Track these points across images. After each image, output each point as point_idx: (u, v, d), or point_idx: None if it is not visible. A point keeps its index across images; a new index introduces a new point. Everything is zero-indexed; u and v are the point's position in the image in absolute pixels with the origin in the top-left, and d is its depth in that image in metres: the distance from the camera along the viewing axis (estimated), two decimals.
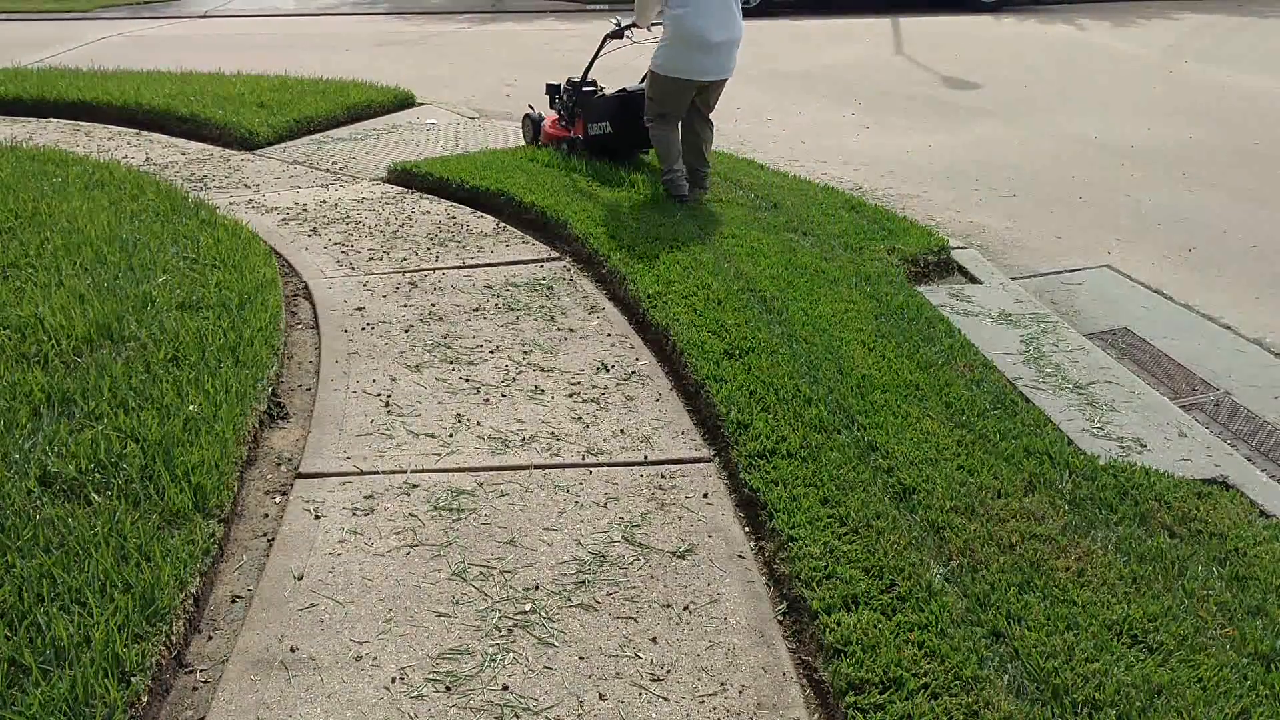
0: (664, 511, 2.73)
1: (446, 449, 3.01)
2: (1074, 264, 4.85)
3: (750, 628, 2.32)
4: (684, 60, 4.91)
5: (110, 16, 14.61)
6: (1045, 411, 3.25)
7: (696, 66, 4.93)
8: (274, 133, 6.82)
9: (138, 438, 2.80)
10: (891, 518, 2.59)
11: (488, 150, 6.31)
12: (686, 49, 4.89)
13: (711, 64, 4.95)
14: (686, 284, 4.04)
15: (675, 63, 4.94)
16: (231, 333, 3.48)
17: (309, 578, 2.45)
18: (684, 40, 4.88)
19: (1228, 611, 2.30)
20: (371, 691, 2.11)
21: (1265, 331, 4.08)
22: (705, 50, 4.88)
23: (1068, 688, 2.06)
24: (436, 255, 4.60)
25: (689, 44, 4.87)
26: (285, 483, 2.88)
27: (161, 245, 4.25)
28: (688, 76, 4.95)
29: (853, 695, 2.06)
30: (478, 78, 9.31)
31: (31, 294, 3.68)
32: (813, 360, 3.44)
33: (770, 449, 2.90)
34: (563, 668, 2.18)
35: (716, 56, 4.92)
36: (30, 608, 2.17)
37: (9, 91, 7.73)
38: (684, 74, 4.95)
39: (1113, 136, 7.05)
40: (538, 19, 13.78)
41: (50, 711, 1.93)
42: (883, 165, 6.51)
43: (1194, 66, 9.55)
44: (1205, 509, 2.69)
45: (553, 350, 3.66)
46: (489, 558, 2.53)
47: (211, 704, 2.08)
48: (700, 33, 4.85)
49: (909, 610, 2.27)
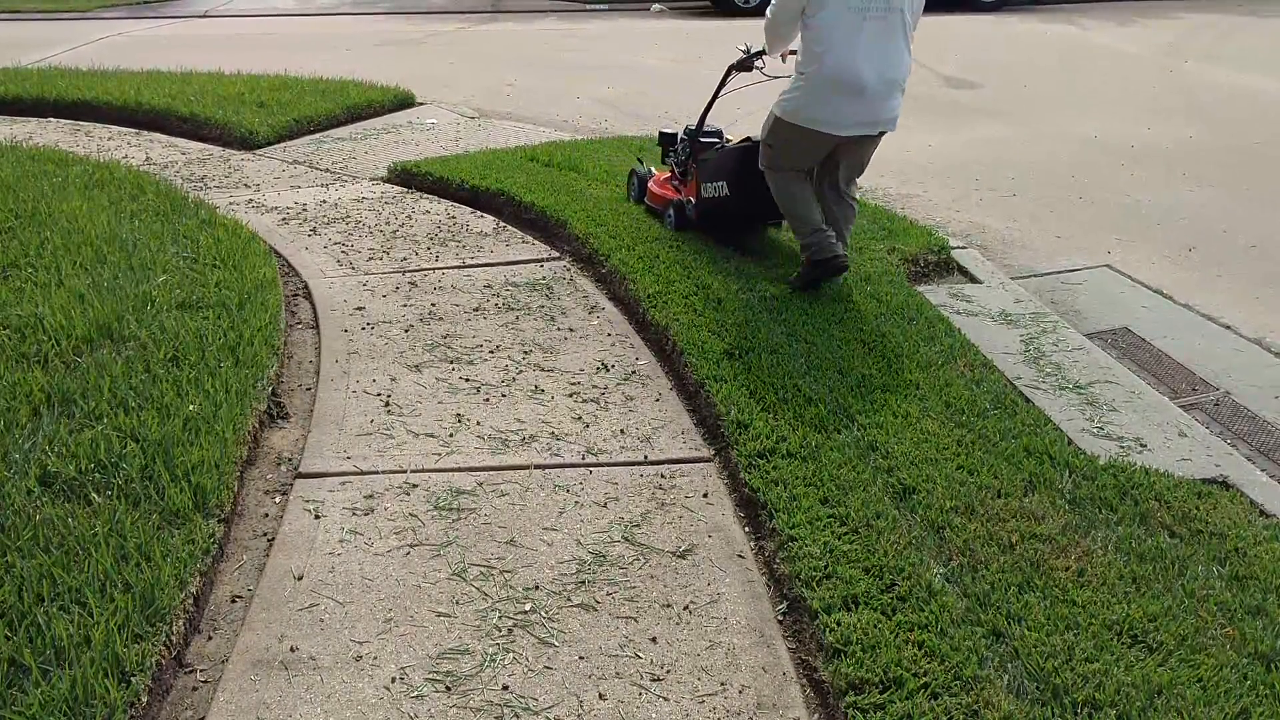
0: (664, 511, 2.73)
1: (446, 449, 3.01)
2: (1074, 264, 4.85)
3: (750, 627, 2.32)
4: (819, 106, 3.71)
5: (110, 16, 14.59)
6: (1045, 411, 3.25)
7: (835, 116, 3.71)
8: (274, 132, 6.82)
9: (138, 437, 2.80)
10: (891, 517, 2.59)
11: (488, 150, 6.31)
12: (824, 90, 3.69)
13: (858, 112, 3.70)
14: (686, 284, 4.04)
15: (807, 109, 3.74)
16: (231, 332, 3.47)
17: (309, 578, 2.45)
18: (822, 79, 3.68)
19: (1228, 611, 2.30)
20: (371, 691, 2.11)
21: (1265, 331, 4.08)
22: (852, 94, 3.65)
23: (1068, 687, 2.06)
24: (436, 255, 4.60)
25: (828, 84, 3.67)
26: (285, 482, 2.88)
27: (161, 245, 4.25)
28: (821, 128, 3.74)
29: (853, 695, 2.06)
30: (478, 78, 9.30)
31: (31, 294, 3.68)
32: (813, 360, 3.44)
33: (770, 449, 2.90)
34: (563, 667, 2.18)
35: (866, 103, 3.68)
36: (30, 608, 2.17)
37: (9, 91, 7.73)
38: (816, 124, 3.73)
39: (1113, 136, 7.05)
40: (538, 19, 13.77)
41: (50, 711, 1.93)
42: (882, 165, 6.47)
43: (1194, 66, 9.54)
44: (1205, 509, 2.69)
45: (553, 350, 3.66)
46: (489, 557, 2.53)
47: (211, 704, 2.08)
48: (845, 70, 3.62)
49: (909, 610, 2.27)
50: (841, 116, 3.72)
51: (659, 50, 10.77)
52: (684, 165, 4.69)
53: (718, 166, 4.41)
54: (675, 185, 4.79)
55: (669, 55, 10.43)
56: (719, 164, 4.40)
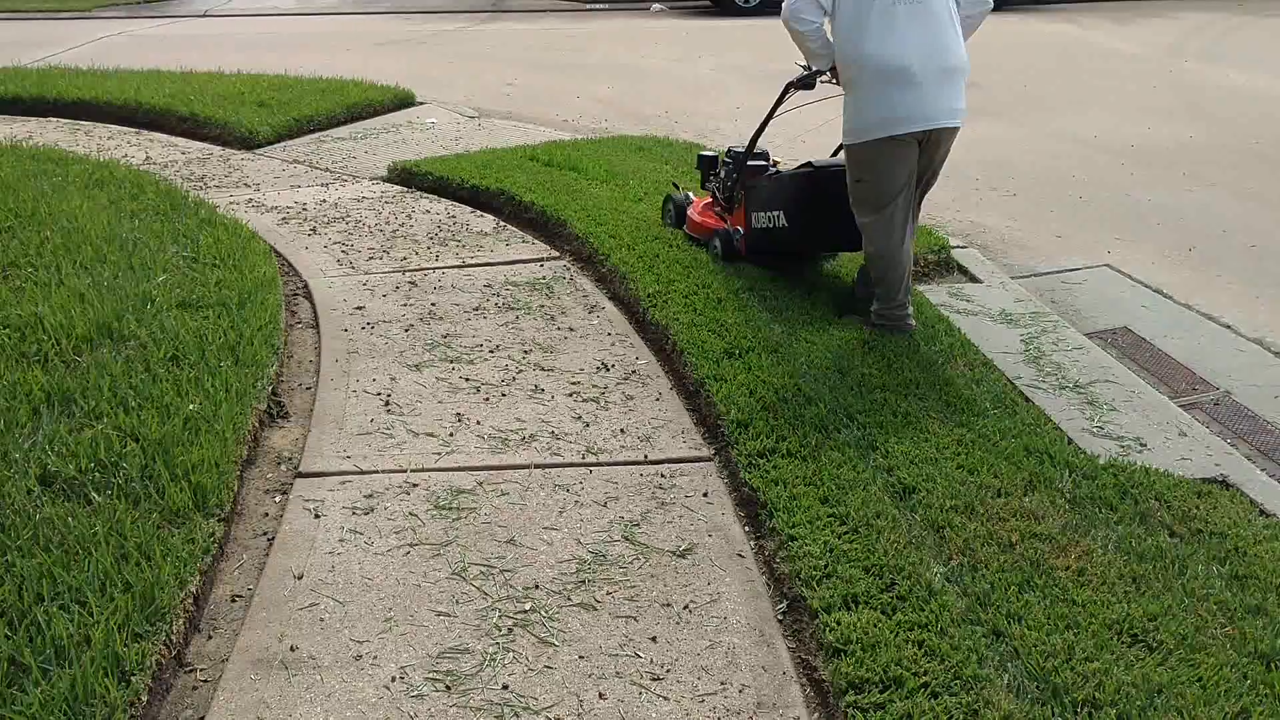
0: (664, 511, 2.73)
1: (446, 448, 3.01)
2: (1074, 263, 4.85)
3: (750, 627, 2.32)
4: (875, 107, 3.41)
5: (110, 16, 14.60)
6: (1045, 411, 3.25)
7: (897, 112, 3.37)
8: (274, 132, 6.82)
9: (138, 437, 2.80)
10: (891, 517, 2.59)
11: (488, 150, 6.31)
12: (873, 88, 3.41)
13: (917, 104, 3.36)
14: (686, 283, 4.04)
15: (864, 116, 3.44)
16: (231, 332, 3.47)
17: (309, 577, 2.45)
18: (865, 76, 3.42)
19: (1228, 611, 2.30)
20: (371, 691, 2.11)
21: (1265, 331, 4.08)
22: (904, 84, 3.35)
23: (1068, 687, 2.06)
24: (436, 254, 4.60)
25: (873, 79, 3.40)
26: (285, 482, 2.88)
27: (161, 244, 4.25)
28: (888, 131, 3.40)
29: (853, 694, 2.06)
30: (478, 78, 9.30)
31: (31, 293, 3.68)
32: (813, 360, 3.44)
33: (770, 448, 2.90)
34: (563, 667, 2.18)
35: (922, 92, 3.35)
36: (30, 607, 2.17)
37: (9, 91, 7.72)
38: (882, 130, 3.40)
39: (1113, 136, 7.05)
40: (538, 19, 13.77)
41: (50, 711, 1.92)
42: None
43: (1194, 66, 9.55)
44: (1205, 508, 2.69)
45: (553, 349, 3.66)
46: (489, 557, 2.53)
47: (211, 703, 2.08)
48: (890, 59, 3.35)
49: (909, 609, 2.27)
50: (903, 111, 3.36)
51: (659, 50, 10.77)
52: (729, 192, 4.33)
53: (773, 194, 4.07)
54: (718, 213, 4.45)
55: (669, 55, 10.42)
56: (775, 191, 4.07)
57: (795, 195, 3.99)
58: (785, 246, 4.16)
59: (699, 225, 4.50)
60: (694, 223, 4.54)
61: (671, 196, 4.77)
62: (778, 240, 4.10)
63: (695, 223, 4.53)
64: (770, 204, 4.07)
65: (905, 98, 3.36)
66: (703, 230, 4.48)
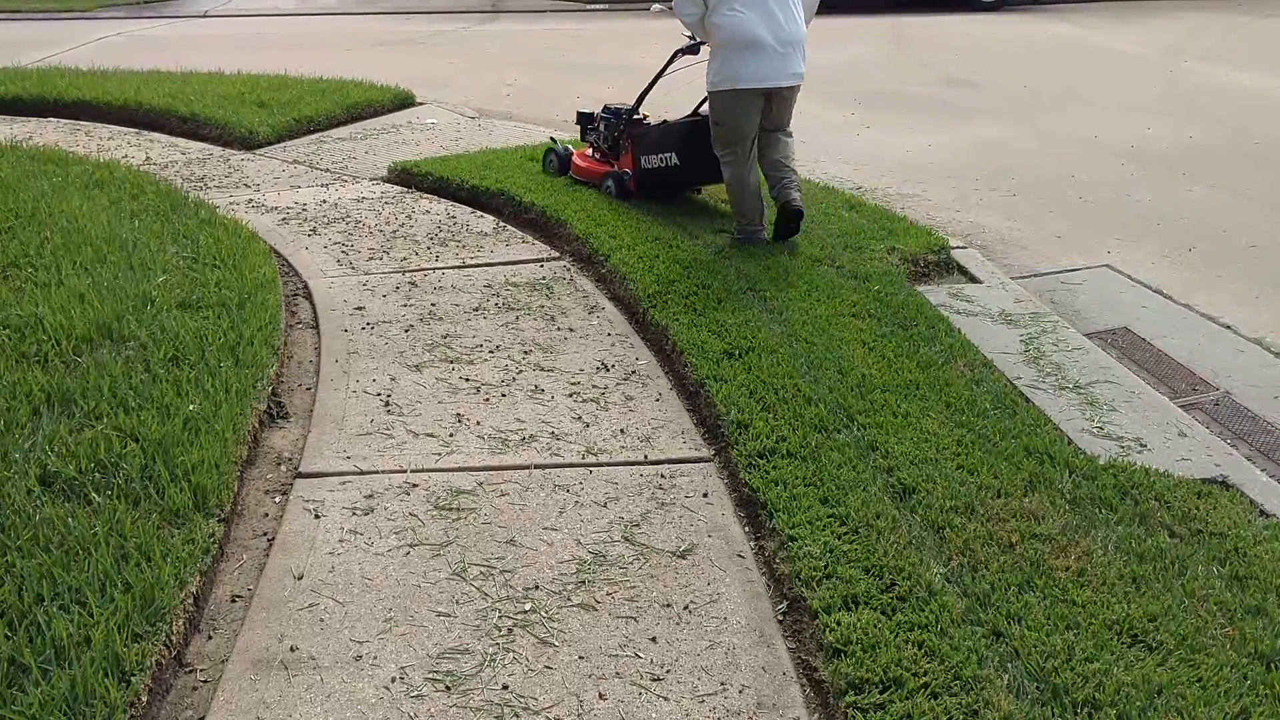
0: (664, 511, 2.73)
1: (446, 449, 3.01)
2: (1074, 264, 4.85)
3: (750, 627, 2.32)
4: (735, 66, 4.37)
5: (110, 16, 14.61)
6: (1045, 411, 3.25)
7: (751, 71, 4.36)
8: (274, 132, 6.82)
9: (138, 437, 2.80)
10: (891, 517, 2.59)
11: (488, 150, 6.31)
12: (735, 53, 4.36)
13: (767, 67, 4.36)
14: (686, 283, 4.04)
15: (725, 71, 4.40)
16: (231, 332, 3.47)
17: (309, 577, 2.45)
18: (731, 45, 4.36)
19: (1228, 611, 2.30)
20: (371, 691, 2.11)
21: (1265, 331, 4.08)
22: (756, 51, 4.33)
23: (1068, 687, 2.06)
24: (436, 255, 4.60)
25: (736, 46, 4.35)
26: (285, 482, 2.88)
27: (161, 245, 4.25)
28: (744, 85, 4.37)
29: (853, 695, 2.06)
30: (478, 78, 9.31)
31: (31, 293, 3.68)
32: (813, 360, 3.44)
33: (770, 448, 2.90)
34: (563, 667, 2.18)
35: (770, 58, 4.35)
36: (30, 607, 2.17)
37: (9, 91, 7.73)
38: (738, 82, 4.37)
39: (1113, 136, 7.05)
40: (538, 19, 13.78)
41: (50, 711, 1.92)
42: (882, 165, 6.51)
43: (1194, 66, 9.55)
44: (1205, 508, 2.69)
45: (553, 350, 3.66)
46: (489, 557, 2.53)
47: (211, 703, 2.08)
48: (746, 31, 4.32)
49: (909, 610, 2.27)
50: (755, 71, 4.35)
51: (658, 50, 10.75)
52: (614, 141, 5.25)
53: (664, 138, 5.01)
54: (597, 159, 5.35)
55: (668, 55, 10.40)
56: (666, 137, 5.01)
57: (687, 138, 4.94)
58: (673, 181, 5.12)
59: (586, 170, 5.38)
60: (580, 169, 5.42)
61: (553, 149, 5.64)
62: (667, 177, 5.07)
63: (582, 169, 5.42)
64: (661, 147, 5.02)
65: (757, 61, 4.35)
66: (591, 175, 5.35)
